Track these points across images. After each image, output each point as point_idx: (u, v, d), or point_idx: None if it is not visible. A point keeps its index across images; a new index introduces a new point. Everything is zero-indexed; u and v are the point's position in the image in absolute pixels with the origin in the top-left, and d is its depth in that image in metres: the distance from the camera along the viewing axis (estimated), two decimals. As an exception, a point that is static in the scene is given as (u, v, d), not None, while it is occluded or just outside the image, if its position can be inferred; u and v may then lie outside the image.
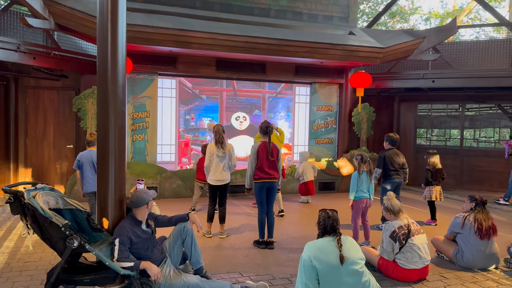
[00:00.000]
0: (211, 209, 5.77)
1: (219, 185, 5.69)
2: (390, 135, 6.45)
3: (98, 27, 3.92)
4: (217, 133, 5.64)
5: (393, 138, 6.39)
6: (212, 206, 5.78)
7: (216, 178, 5.67)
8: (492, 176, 10.19)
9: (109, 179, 3.93)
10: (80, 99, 8.00)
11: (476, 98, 10.54)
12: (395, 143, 6.37)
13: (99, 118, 3.98)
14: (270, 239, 5.39)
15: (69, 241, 3.42)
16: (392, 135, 6.43)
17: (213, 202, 5.79)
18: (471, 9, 18.39)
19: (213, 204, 5.79)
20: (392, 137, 6.40)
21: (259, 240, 5.38)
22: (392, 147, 6.34)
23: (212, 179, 5.69)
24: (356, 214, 5.50)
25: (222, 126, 5.75)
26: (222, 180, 5.68)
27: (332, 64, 9.24)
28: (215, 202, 5.80)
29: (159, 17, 7.49)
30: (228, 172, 5.73)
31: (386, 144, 6.43)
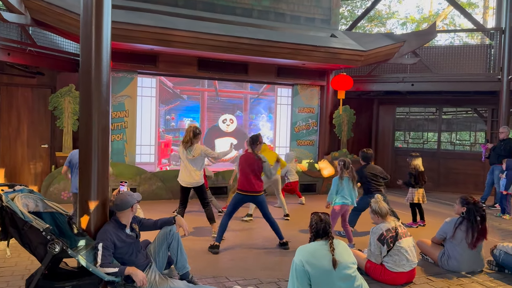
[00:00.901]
0: (181, 212, 5.63)
1: (190, 187, 5.54)
2: (363, 151, 6.38)
3: (82, 23, 3.77)
4: (186, 131, 5.51)
5: (366, 154, 6.32)
6: (182, 209, 5.64)
7: (185, 180, 5.53)
8: (468, 178, 10.41)
9: (91, 181, 3.78)
10: (57, 98, 7.73)
11: (453, 102, 10.76)
12: (369, 159, 6.33)
13: (81, 117, 3.83)
14: (282, 241, 5.31)
15: (50, 246, 3.27)
16: (365, 151, 6.36)
17: (182, 205, 5.65)
18: (446, 15, 18.83)
19: (182, 206, 5.65)
20: (365, 153, 6.32)
21: (213, 244, 5.12)
22: (367, 163, 6.31)
23: (181, 180, 5.56)
24: (333, 219, 5.45)
25: (195, 127, 5.54)
26: (191, 183, 5.51)
27: (314, 66, 9.25)
28: (184, 205, 5.67)
29: (140, 15, 7.32)
30: (199, 173, 5.52)
31: (361, 161, 6.42)
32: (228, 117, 9.29)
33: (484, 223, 4.64)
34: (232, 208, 5.34)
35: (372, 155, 6.41)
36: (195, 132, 5.46)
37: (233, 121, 9.32)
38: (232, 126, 9.34)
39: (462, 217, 4.67)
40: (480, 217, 4.61)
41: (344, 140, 10.06)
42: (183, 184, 5.58)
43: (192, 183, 5.52)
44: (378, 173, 6.23)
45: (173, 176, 8.19)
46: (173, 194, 8.18)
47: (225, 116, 9.28)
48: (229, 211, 5.33)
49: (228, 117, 9.28)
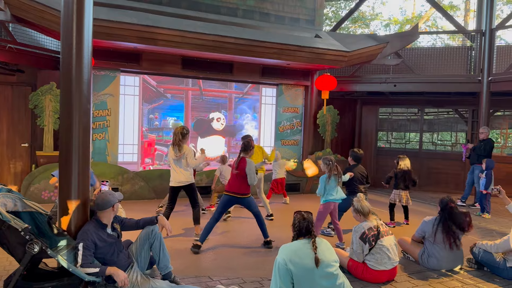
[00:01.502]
0: (167, 212, 5.60)
1: (180, 186, 5.52)
2: (355, 151, 6.39)
3: (63, 20, 3.71)
4: (174, 134, 5.50)
5: (358, 154, 6.32)
6: (168, 209, 5.62)
7: (174, 180, 5.53)
8: (449, 178, 10.59)
9: (72, 180, 3.73)
10: (37, 96, 7.59)
11: (435, 103, 10.93)
12: (359, 159, 6.36)
13: (62, 116, 3.77)
14: (267, 239, 5.36)
15: (29, 246, 3.20)
16: (357, 151, 6.38)
17: (171, 205, 5.62)
18: (429, 17, 19.11)
19: (169, 207, 5.62)
20: (357, 154, 6.33)
21: (196, 244, 5.10)
22: (357, 163, 6.34)
23: (172, 180, 5.56)
24: (320, 215, 5.48)
25: (183, 128, 5.53)
26: (181, 182, 5.50)
27: (299, 66, 9.28)
28: (172, 205, 5.63)
29: (123, 12, 7.24)
30: (188, 172, 5.53)
31: (350, 160, 6.41)
32: (222, 116, 9.31)
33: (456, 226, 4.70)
34: (221, 210, 5.34)
35: (362, 155, 6.44)
36: (183, 133, 5.46)
37: (225, 120, 9.33)
38: (224, 125, 9.35)
39: (439, 217, 4.74)
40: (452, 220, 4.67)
41: (328, 140, 10.12)
42: (171, 184, 5.56)
43: (182, 182, 5.50)
44: (364, 175, 6.28)
45: (156, 176, 8.16)
46: (156, 194, 8.11)
47: (218, 115, 9.27)
48: (217, 213, 5.31)
49: (222, 116, 9.30)
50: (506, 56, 9.51)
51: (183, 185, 5.52)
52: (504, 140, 11.20)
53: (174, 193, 5.60)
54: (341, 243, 5.47)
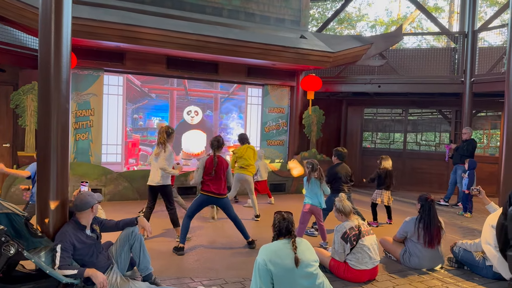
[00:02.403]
0: (147, 212, 5.54)
1: (154, 186, 5.45)
2: (339, 149, 6.43)
3: (41, 17, 3.66)
4: (159, 133, 5.41)
5: (342, 153, 6.36)
6: (148, 209, 5.55)
7: (150, 178, 5.47)
8: (432, 178, 10.70)
9: (50, 180, 3.69)
10: (19, 95, 7.47)
11: (419, 103, 11.04)
12: (343, 158, 6.39)
13: (40, 115, 3.72)
14: (248, 240, 5.35)
15: (5, 248, 3.15)
16: (341, 150, 6.41)
17: (149, 204, 5.55)
18: (414, 18, 19.30)
19: (148, 206, 5.55)
20: (341, 152, 6.36)
21: (178, 246, 5.05)
22: (341, 162, 6.37)
23: (149, 179, 5.50)
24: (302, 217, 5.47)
25: (167, 127, 5.47)
26: (155, 182, 5.40)
27: (284, 67, 9.30)
28: (151, 205, 5.56)
29: (106, 11, 7.17)
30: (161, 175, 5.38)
31: (335, 159, 6.43)
32: (192, 108, 9.17)
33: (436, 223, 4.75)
34: (194, 209, 5.29)
35: (346, 154, 6.47)
36: (168, 132, 5.39)
37: (197, 113, 9.22)
38: (197, 118, 9.23)
39: (420, 214, 4.78)
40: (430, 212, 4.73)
41: (313, 140, 10.15)
42: (148, 183, 5.51)
43: (157, 182, 5.40)
44: (349, 174, 6.30)
45: (140, 176, 8.08)
46: (140, 195, 8.04)
47: (189, 108, 9.16)
48: (191, 211, 5.27)
49: (192, 109, 9.17)
50: (488, 58, 9.65)
51: (157, 185, 5.41)
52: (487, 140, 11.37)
53: (152, 192, 5.53)
54: (325, 243, 5.49)
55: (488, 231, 4.41)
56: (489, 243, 4.36)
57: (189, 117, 9.15)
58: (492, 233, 4.32)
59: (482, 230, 4.56)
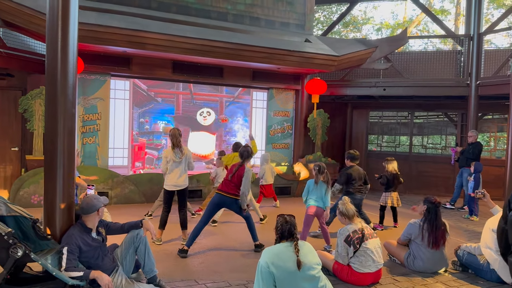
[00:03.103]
0: (165, 216, 5.61)
1: (175, 190, 5.56)
2: (351, 152, 6.43)
3: (48, 24, 3.74)
4: (173, 136, 5.49)
5: (354, 155, 6.37)
6: (166, 213, 5.62)
7: (172, 183, 5.52)
8: (438, 181, 10.66)
9: (57, 184, 3.75)
10: (27, 100, 7.58)
11: (424, 106, 11.02)
12: (356, 160, 6.40)
13: (47, 120, 3.79)
14: (256, 243, 5.40)
15: (13, 250, 3.21)
16: (353, 152, 6.42)
17: (167, 208, 5.63)
18: (420, 21, 19.26)
19: (166, 210, 5.63)
20: (353, 154, 6.36)
21: (183, 248, 5.10)
22: (353, 164, 6.38)
23: (168, 184, 5.55)
24: (306, 220, 5.50)
25: (178, 129, 5.62)
26: (179, 186, 5.53)
27: (289, 70, 9.34)
28: (169, 208, 5.64)
29: (113, 17, 7.27)
30: (186, 176, 5.59)
31: (348, 162, 6.44)
32: (205, 109, 9.27)
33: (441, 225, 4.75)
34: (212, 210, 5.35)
35: (358, 156, 6.49)
36: (180, 134, 5.53)
37: (210, 114, 9.30)
38: (210, 118, 9.32)
39: (425, 216, 4.78)
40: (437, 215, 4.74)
41: (318, 143, 10.17)
42: (169, 189, 5.55)
43: (180, 186, 5.51)
44: (362, 176, 6.31)
45: (146, 180, 8.16)
46: (146, 198, 8.11)
47: (202, 109, 9.27)
48: (206, 215, 5.31)
49: (205, 110, 9.27)
50: (495, 60, 9.62)
51: (180, 189, 5.53)
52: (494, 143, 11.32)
53: (170, 196, 5.60)
54: (328, 246, 5.51)
55: (489, 235, 4.41)
56: (489, 247, 4.36)
57: (201, 117, 9.21)
58: (493, 237, 4.32)
59: (482, 234, 4.57)
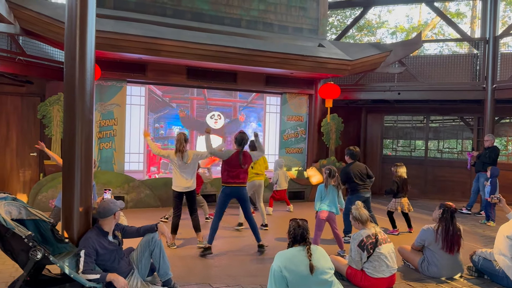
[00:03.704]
0: (176, 221, 5.68)
1: (184, 192, 5.63)
2: (350, 148, 6.39)
3: (66, 33, 3.84)
4: (178, 141, 5.59)
5: (353, 151, 6.34)
6: (177, 217, 5.69)
7: (180, 185, 5.62)
8: (455, 186, 10.54)
9: (74, 188, 3.83)
10: (45, 106, 7.77)
11: (440, 110, 10.93)
12: (356, 157, 6.37)
13: (65, 126, 3.89)
14: (260, 243, 5.45)
15: (32, 252, 3.30)
16: (352, 149, 6.38)
17: (178, 213, 5.70)
18: (435, 24, 19.11)
19: (177, 214, 5.70)
20: (352, 151, 6.34)
21: (205, 246, 5.29)
22: (354, 161, 6.36)
23: (176, 185, 5.65)
24: (318, 224, 5.51)
25: (185, 134, 5.70)
26: (187, 187, 5.62)
27: (302, 75, 9.37)
28: (179, 212, 5.71)
29: (129, 24, 7.41)
30: (193, 179, 5.66)
31: (347, 158, 6.42)
32: (216, 112, 9.36)
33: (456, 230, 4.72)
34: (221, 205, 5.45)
35: (359, 153, 6.46)
36: (186, 140, 5.62)
37: (221, 117, 9.38)
38: (220, 122, 9.40)
39: (439, 221, 4.75)
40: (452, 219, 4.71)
41: (332, 148, 10.16)
42: (177, 189, 5.65)
43: (188, 187, 5.62)
44: (363, 172, 6.27)
45: (161, 184, 8.26)
46: (161, 202, 8.21)
47: (213, 112, 9.35)
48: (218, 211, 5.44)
49: (216, 113, 9.35)
50: (511, 64, 9.50)
51: (188, 190, 5.62)
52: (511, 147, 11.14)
53: (179, 199, 5.69)
54: (342, 251, 5.50)
55: (503, 242, 4.36)
56: (503, 253, 4.31)
57: (212, 120, 9.29)
58: (507, 243, 4.26)
59: (495, 240, 4.51)
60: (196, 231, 5.67)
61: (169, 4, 8.12)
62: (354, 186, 6.18)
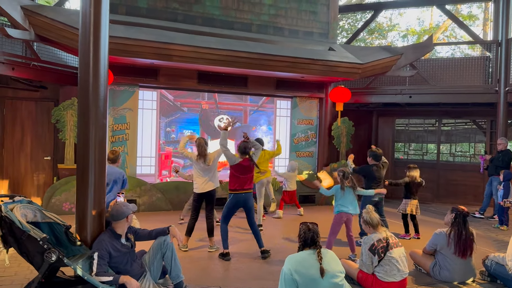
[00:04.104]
0: (192, 222, 5.75)
1: (205, 193, 5.71)
2: (373, 150, 6.45)
3: (80, 39, 3.93)
4: (199, 146, 5.68)
5: (376, 153, 6.39)
6: (194, 220, 5.76)
7: (202, 186, 5.71)
8: (467, 190, 10.44)
9: (88, 192, 3.91)
10: (59, 111, 7.90)
11: (452, 114, 10.84)
12: (378, 158, 6.41)
13: (79, 130, 3.97)
14: (263, 248, 5.46)
15: (47, 255, 3.37)
16: (375, 150, 6.44)
17: (195, 215, 5.77)
18: (447, 27, 18.97)
19: (194, 217, 5.76)
20: (375, 152, 6.39)
21: (223, 252, 5.35)
22: (377, 162, 6.39)
23: (197, 187, 5.74)
24: (334, 227, 5.54)
25: (204, 139, 5.81)
26: (208, 189, 5.72)
27: (313, 79, 9.39)
28: (197, 215, 5.78)
29: (141, 30, 7.51)
30: (214, 182, 5.77)
31: (370, 160, 6.45)
32: (224, 116, 9.41)
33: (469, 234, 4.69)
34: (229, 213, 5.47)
35: (382, 154, 6.50)
36: (206, 143, 5.77)
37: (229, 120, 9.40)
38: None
39: (452, 225, 4.72)
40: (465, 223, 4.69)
41: (343, 151, 10.14)
42: (198, 191, 5.73)
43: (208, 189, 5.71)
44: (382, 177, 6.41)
45: (172, 188, 8.33)
46: (173, 206, 8.28)
47: (221, 116, 9.41)
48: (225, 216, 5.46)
49: (224, 116, 9.40)
50: (525, 66, 9.40)
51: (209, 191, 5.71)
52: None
53: (199, 201, 5.78)
54: (353, 255, 5.49)
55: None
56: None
57: (221, 124, 9.34)
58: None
59: (509, 245, 4.46)
60: (209, 235, 5.72)
61: (180, 10, 8.22)
62: (369, 186, 6.23)
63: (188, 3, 8.28)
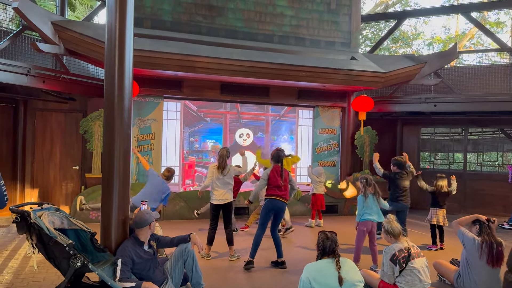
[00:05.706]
0: (212, 232, 5.83)
1: (221, 204, 5.79)
2: (398, 159, 6.49)
3: (106, 52, 4.08)
4: (221, 157, 5.80)
5: (401, 161, 6.44)
6: (213, 229, 5.84)
7: (219, 198, 5.79)
8: (495, 200, 10.16)
9: (113, 200, 4.02)
10: (87, 122, 8.16)
11: (479, 122, 10.61)
12: (402, 166, 6.41)
13: (105, 140, 4.10)
14: (281, 259, 5.48)
15: (73, 260, 3.49)
16: (400, 159, 6.47)
17: (215, 225, 5.86)
18: (473, 35, 18.63)
19: (214, 227, 5.85)
20: (399, 161, 6.45)
21: (248, 260, 5.39)
22: (400, 171, 6.37)
23: (215, 199, 5.81)
24: (359, 237, 5.52)
25: (227, 149, 5.92)
26: (225, 200, 5.80)
27: (335, 88, 9.39)
28: (216, 225, 5.87)
29: (165, 43, 7.71)
30: (230, 193, 5.86)
31: (394, 168, 6.45)
32: (244, 131, 9.51)
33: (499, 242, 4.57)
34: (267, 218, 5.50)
35: (405, 163, 6.48)
36: (228, 155, 5.90)
37: (249, 136, 9.52)
38: (249, 140, 9.54)
39: (481, 237, 4.60)
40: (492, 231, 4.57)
41: (366, 161, 10.06)
42: (215, 202, 5.83)
43: (226, 200, 5.80)
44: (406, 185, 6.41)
45: (196, 197, 8.41)
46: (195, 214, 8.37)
47: (241, 131, 9.51)
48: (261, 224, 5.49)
49: (244, 132, 9.50)
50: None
51: (225, 203, 5.79)
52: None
53: (217, 211, 5.87)
54: (375, 266, 5.45)
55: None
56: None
57: (241, 139, 9.46)
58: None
59: None
60: (229, 244, 5.78)
61: (203, 23, 8.41)
62: (394, 194, 6.25)
63: (211, 16, 8.47)
